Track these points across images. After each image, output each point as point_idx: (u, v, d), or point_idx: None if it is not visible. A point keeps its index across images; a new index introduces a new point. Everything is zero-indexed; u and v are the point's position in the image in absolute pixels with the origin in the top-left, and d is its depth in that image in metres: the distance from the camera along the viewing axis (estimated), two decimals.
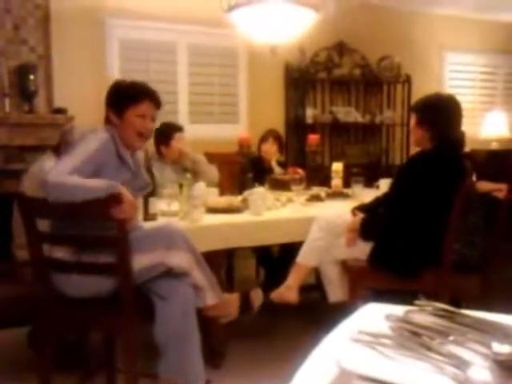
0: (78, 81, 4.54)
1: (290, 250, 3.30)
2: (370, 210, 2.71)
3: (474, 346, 0.72)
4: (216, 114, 5.26)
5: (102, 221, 1.99)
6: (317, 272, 3.08)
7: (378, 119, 5.79)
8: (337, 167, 3.59)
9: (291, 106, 5.55)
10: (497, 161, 4.97)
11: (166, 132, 3.58)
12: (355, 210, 2.77)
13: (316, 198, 3.23)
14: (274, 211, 2.92)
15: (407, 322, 0.80)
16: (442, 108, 2.53)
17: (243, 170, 3.71)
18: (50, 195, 1.90)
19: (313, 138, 4.09)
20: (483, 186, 3.36)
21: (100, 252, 2.03)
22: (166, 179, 3.38)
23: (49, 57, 4.34)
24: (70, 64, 4.48)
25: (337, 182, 3.54)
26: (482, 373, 0.65)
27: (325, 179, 3.73)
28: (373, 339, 0.76)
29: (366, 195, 3.13)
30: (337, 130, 5.75)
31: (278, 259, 3.72)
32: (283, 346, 2.89)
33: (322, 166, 4.98)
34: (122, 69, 4.76)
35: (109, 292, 2.02)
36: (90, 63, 4.64)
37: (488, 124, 6.37)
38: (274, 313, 3.34)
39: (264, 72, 5.31)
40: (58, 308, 2.08)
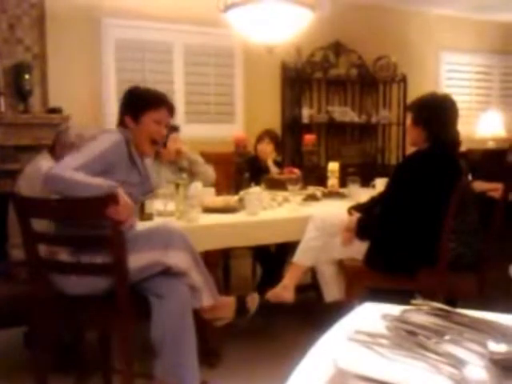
0: (73, 80, 4.52)
1: (286, 250, 3.30)
2: (366, 210, 2.71)
3: (471, 345, 0.73)
4: (212, 113, 5.25)
5: (98, 220, 1.99)
6: (313, 272, 3.08)
7: (374, 119, 5.80)
8: (333, 167, 3.59)
9: (287, 106, 5.55)
10: (492, 160, 4.98)
11: None
12: (351, 209, 2.77)
13: (312, 198, 3.23)
14: (270, 211, 2.92)
15: (403, 322, 0.80)
16: (438, 107, 2.53)
17: (239, 170, 3.70)
18: (46, 185, 1.93)
19: (309, 138, 4.09)
20: (479, 185, 3.38)
21: (97, 252, 2.02)
22: (162, 179, 3.38)
23: (44, 56, 4.33)
24: (65, 63, 4.47)
25: (333, 181, 3.54)
26: (479, 372, 0.65)
27: (321, 179, 3.73)
28: (369, 339, 0.76)
29: (362, 195, 3.13)
30: (333, 129, 5.76)
31: (275, 256, 3.72)
32: (279, 345, 2.89)
33: (318, 165, 4.98)
34: (117, 68, 4.75)
35: (105, 290, 2.02)
36: (86, 63, 4.62)
37: (484, 123, 6.39)
38: (270, 312, 3.34)
39: (260, 72, 5.31)
40: (54, 307, 2.08)
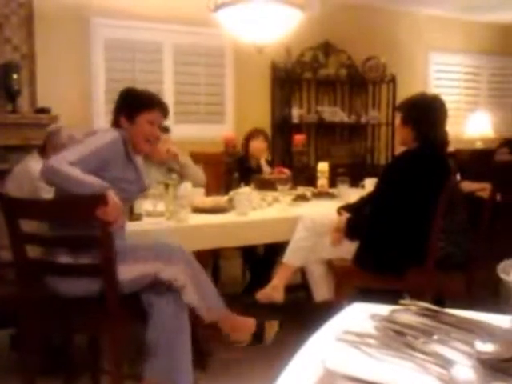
0: (62, 80, 4.49)
1: (275, 250, 3.30)
2: (355, 210, 2.72)
3: (458, 345, 0.73)
4: (202, 113, 5.24)
5: (86, 222, 1.98)
6: (302, 272, 3.09)
7: (363, 119, 5.82)
8: (322, 167, 3.60)
9: (277, 106, 5.55)
10: (480, 160, 5.02)
11: None
12: (341, 209, 2.78)
13: (302, 198, 3.24)
14: (260, 211, 2.92)
15: (392, 322, 0.80)
16: (427, 108, 2.55)
17: (229, 170, 3.70)
18: (43, 176, 1.97)
19: (299, 138, 4.10)
20: (467, 185, 3.40)
21: (86, 253, 2.02)
22: (151, 179, 3.36)
23: (32, 56, 4.30)
24: (54, 63, 4.44)
25: (322, 181, 3.55)
26: (466, 372, 0.65)
27: (311, 179, 3.74)
28: (358, 339, 0.76)
29: (351, 195, 3.14)
30: (322, 129, 5.77)
31: (263, 259, 3.72)
32: (269, 345, 2.88)
33: (308, 165, 4.99)
34: (107, 68, 4.72)
35: (97, 292, 2.00)
36: (75, 63, 4.60)
37: (472, 124, 6.43)
38: (259, 313, 3.34)
39: (250, 72, 5.31)
40: (41, 309, 2.06)
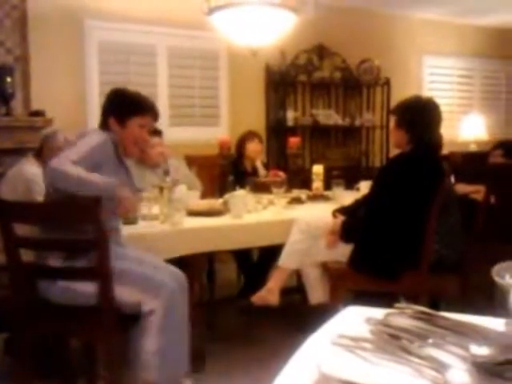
0: (56, 83, 4.48)
1: (270, 255, 3.30)
2: (350, 213, 2.73)
3: (453, 348, 0.73)
4: (196, 116, 5.24)
5: (81, 225, 1.97)
6: (298, 274, 3.09)
7: (357, 122, 5.84)
8: (317, 170, 3.60)
9: (272, 109, 5.56)
10: (474, 163, 5.04)
11: None
12: (336, 212, 2.78)
13: (297, 201, 3.24)
14: (255, 214, 2.91)
15: (387, 325, 0.80)
16: (421, 110, 2.56)
17: (224, 173, 3.70)
18: (47, 177, 2.00)
19: (293, 141, 4.10)
20: (461, 188, 3.42)
21: (80, 258, 2.01)
22: (146, 183, 3.35)
23: (26, 58, 4.29)
24: (47, 66, 4.42)
25: (317, 184, 3.55)
26: (461, 375, 0.66)
27: (305, 182, 3.74)
28: (353, 343, 0.76)
29: (346, 197, 3.14)
30: (317, 132, 5.78)
31: (257, 265, 3.72)
32: (264, 349, 2.88)
33: (303, 168, 5.00)
34: (101, 71, 4.71)
35: (91, 300, 1.99)
36: (69, 65, 4.58)
37: (466, 126, 6.46)
38: (255, 315, 3.34)
39: (244, 74, 5.31)
40: (36, 314, 2.05)
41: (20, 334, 2.09)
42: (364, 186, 3.40)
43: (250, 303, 2.71)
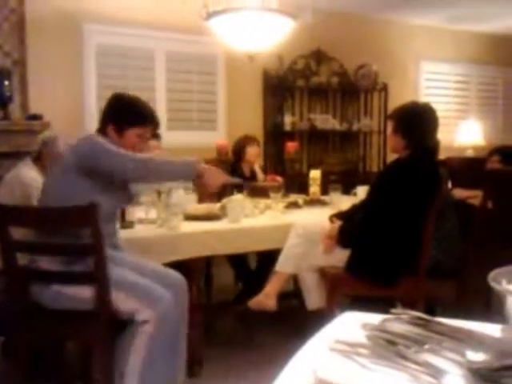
0: (53, 87, 4.48)
1: (267, 261, 3.30)
2: (347, 218, 2.73)
3: (449, 354, 0.73)
4: (194, 121, 5.25)
5: (78, 229, 1.97)
6: (295, 279, 3.08)
7: (355, 127, 5.85)
8: (314, 174, 3.61)
9: (269, 114, 5.57)
10: (472, 168, 5.05)
11: None
12: (333, 217, 2.78)
13: (294, 206, 3.24)
14: (253, 218, 2.91)
15: (383, 331, 0.80)
16: (418, 116, 2.57)
17: None
18: (134, 174, 2.08)
19: (291, 146, 4.11)
20: (459, 193, 3.42)
21: (77, 262, 2.00)
22: (143, 187, 3.35)
23: (24, 62, 4.29)
24: (45, 69, 4.43)
25: (315, 189, 3.55)
26: (457, 381, 0.66)
27: (303, 186, 3.74)
28: (349, 348, 0.76)
29: (343, 202, 3.14)
30: (315, 137, 5.79)
31: (254, 272, 3.70)
32: (261, 354, 2.88)
33: (301, 173, 5.00)
34: (99, 75, 4.72)
35: (84, 305, 1.98)
36: (66, 69, 4.59)
37: (463, 132, 6.48)
38: (252, 320, 3.33)
39: (242, 79, 5.32)
40: (32, 318, 2.04)
41: (16, 337, 2.08)
42: (361, 191, 3.41)
43: (247, 308, 2.71)
